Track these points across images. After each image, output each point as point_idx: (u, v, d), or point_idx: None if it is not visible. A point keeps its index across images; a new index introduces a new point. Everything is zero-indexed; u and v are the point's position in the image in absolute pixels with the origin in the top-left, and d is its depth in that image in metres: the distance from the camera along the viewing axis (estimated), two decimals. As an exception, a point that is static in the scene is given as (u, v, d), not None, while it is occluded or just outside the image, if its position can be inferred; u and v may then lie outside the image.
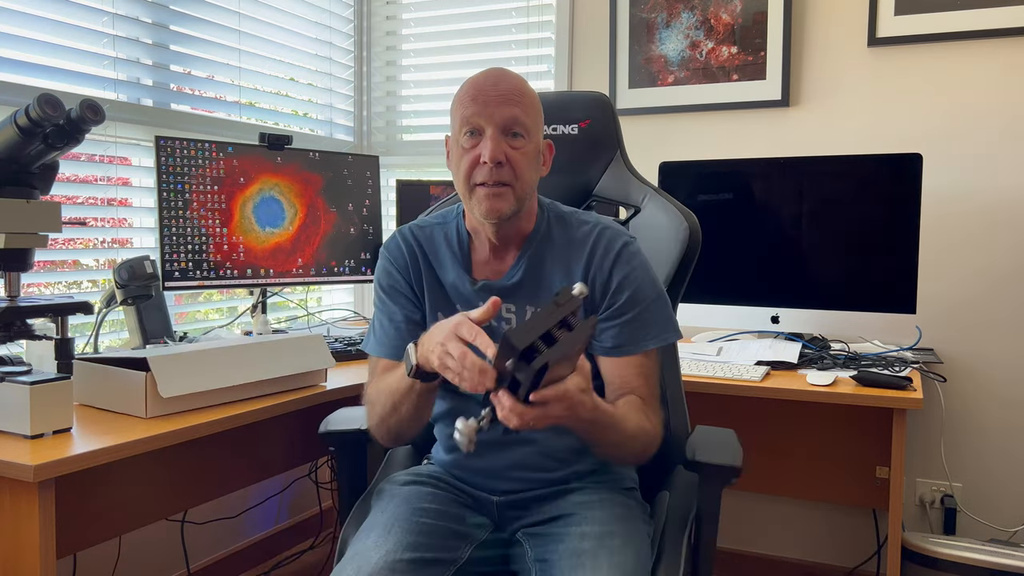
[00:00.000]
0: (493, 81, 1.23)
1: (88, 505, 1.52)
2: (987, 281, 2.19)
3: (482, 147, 1.21)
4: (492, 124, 1.21)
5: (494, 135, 1.21)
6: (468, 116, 1.22)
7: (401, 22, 2.92)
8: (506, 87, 1.23)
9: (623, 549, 1.15)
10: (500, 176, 1.21)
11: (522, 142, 1.23)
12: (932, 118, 2.23)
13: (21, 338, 1.47)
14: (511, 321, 1.30)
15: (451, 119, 1.28)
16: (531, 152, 1.25)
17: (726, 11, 2.41)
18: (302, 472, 2.56)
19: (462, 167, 1.24)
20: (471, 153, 1.23)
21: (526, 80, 1.28)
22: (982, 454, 2.21)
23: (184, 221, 1.94)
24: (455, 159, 1.27)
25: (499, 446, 1.28)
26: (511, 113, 1.21)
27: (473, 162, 1.22)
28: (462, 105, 1.23)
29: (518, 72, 1.30)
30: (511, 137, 1.22)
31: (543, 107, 1.31)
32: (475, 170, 1.22)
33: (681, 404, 1.52)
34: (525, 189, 1.25)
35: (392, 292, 1.34)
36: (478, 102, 1.21)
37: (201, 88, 2.33)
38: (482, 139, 1.22)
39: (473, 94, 1.23)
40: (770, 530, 2.45)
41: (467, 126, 1.23)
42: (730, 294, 2.17)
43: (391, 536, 1.16)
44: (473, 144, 1.23)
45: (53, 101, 1.33)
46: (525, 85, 1.26)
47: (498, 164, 1.20)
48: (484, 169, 1.21)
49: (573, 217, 1.34)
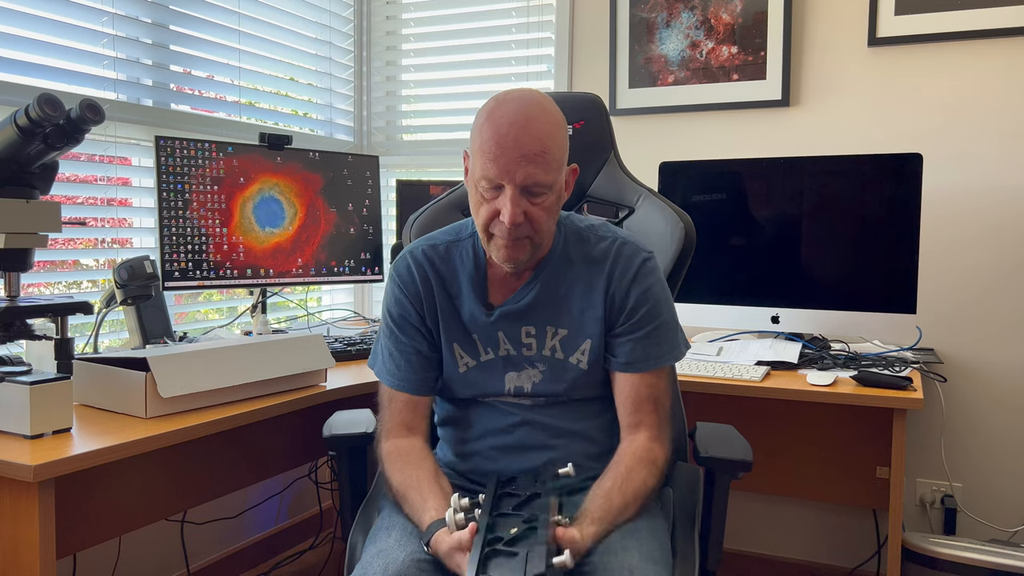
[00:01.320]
0: (515, 136, 1.16)
1: (88, 505, 1.52)
2: (987, 281, 2.19)
3: (501, 204, 1.18)
4: (512, 184, 1.17)
5: (514, 196, 1.17)
6: (488, 172, 1.18)
7: (401, 22, 2.92)
8: (528, 145, 1.16)
9: (649, 540, 1.17)
10: (518, 233, 1.20)
11: (542, 198, 1.20)
12: (932, 118, 2.23)
13: (21, 338, 1.47)
14: (531, 346, 1.30)
15: (471, 148, 1.23)
16: (552, 203, 1.22)
17: (726, 11, 2.41)
18: (302, 472, 2.56)
19: (481, 213, 1.21)
20: (490, 205, 1.20)
21: (551, 111, 1.20)
22: (982, 454, 2.21)
23: (184, 221, 1.94)
24: (473, 201, 1.24)
25: (515, 451, 1.30)
26: (532, 176, 1.17)
27: (492, 214, 1.20)
28: (483, 155, 1.18)
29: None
30: (532, 196, 1.19)
31: None
32: (493, 222, 1.21)
33: (678, 403, 1.54)
34: (544, 237, 1.24)
35: (403, 324, 1.32)
36: (499, 163, 1.16)
37: (201, 88, 2.33)
38: (501, 194, 1.18)
39: (495, 151, 1.16)
40: (770, 530, 2.45)
41: (487, 181, 1.19)
42: (730, 294, 2.17)
43: (414, 536, 1.17)
44: (493, 196, 1.20)
45: (53, 101, 1.32)
46: (549, 131, 1.18)
47: (516, 224, 1.18)
48: (502, 226, 1.19)
49: (591, 233, 1.33)
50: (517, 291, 1.30)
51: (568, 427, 1.30)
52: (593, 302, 1.29)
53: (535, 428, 1.29)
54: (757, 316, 2.14)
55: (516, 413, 1.30)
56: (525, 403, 1.31)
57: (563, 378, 1.29)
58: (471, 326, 1.31)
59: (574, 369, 1.29)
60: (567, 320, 1.29)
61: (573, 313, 1.29)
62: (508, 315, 1.30)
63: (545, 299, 1.30)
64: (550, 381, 1.30)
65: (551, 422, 1.30)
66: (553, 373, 1.30)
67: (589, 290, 1.29)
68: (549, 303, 1.30)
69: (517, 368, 1.30)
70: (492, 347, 1.31)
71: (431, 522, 1.14)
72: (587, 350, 1.29)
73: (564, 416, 1.31)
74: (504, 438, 1.30)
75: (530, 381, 1.30)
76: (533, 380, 1.30)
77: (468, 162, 1.26)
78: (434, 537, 1.12)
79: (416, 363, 1.32)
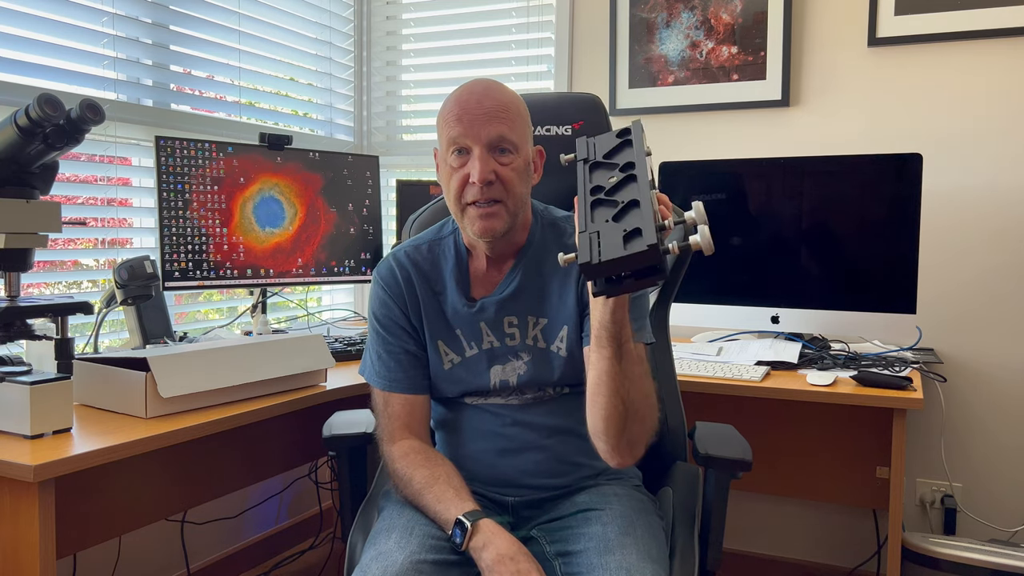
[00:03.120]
0: (477, 98, 1.22)
1: (88, 505, 1.52)
2: (987, 281, 2.19)
3: (470, 167, 1.21)
4: (479, 143, 1.20)
5: (482, 154, 1.20)
6: (454, 136, 1.21)
7: (401, 22, 2.92)
8: (491, 104, 1.21)
9: (647, 539, 1.17)
10: (491, 194, 1.21)
11: (510, 157, 1.22)
12: (932, 118, 2.23)
13: (21, 338, 1.47)
14: (514, 335, 1.31)
15: (438, 135, 1.28)
16: (520, 166, 1.24)
17: (726, 11, 2.41)
18: (302, 472, 2.56)
19: (452, 186, 1.23)
20: (460, 172, 1.22)
21: (510, 88, 1.27)
22: (982, 454, 2.21)
23: (184, 221, 1.94)
24: (444, 178, 1.26)
25: (508, 453, 1.30)
26: (497, 130, 1.20)
27: (462, 181, 1.22)
28: (447, 124, 1.23)
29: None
30: (499, 153, 1.22)
31: (536, 109, 1.31)
32: (465, 189, 1.22)
33: (677, 402, 1.54)
34: (517, 204, 1.25)
35: (389, 324, 1.33)
36: (463, 122, 1.20)
37: (201, 88, 2.33)
38: (470, 158, 1.21)
39: (458, 113, 1.21)
40: (770, 530, 2.45)
41: (454, 146, 1.22)
42: (730, 294, 2.17)
43: (413, 538, 1.16)
44: (461, 163, 1.22)
45: (53, 101, 1.32)
46: (510, 97, 1.24)
47: (488, 183, 1.20)
48: (474, 188, 1.21)
49: (567, 223, 1.35)
50: (499, 283, 1.32)
51: (559, 424, 1.30)
52: (568, 289, 1.30)
53: (526, 428, 1.30)
54: (757, 316, 2.14)
55: (506, 415, 1.31)
56: (513, 403, 1.31)
57: (547, 368, 1.30)
58: (454, 320, 1.32)
59: (556, 357, 1.30)
60: (546, 309, 1.30)
61: (552, 301, 1.30)
62: (490, 306, 1.31)
63: (525, 289, 1.31)
64: (534, 372, 1.30)
65: (541, 420, 1.30)
66: (537, 363, 1.30)
67: (565, 278, 1.30)
68: (529, 293, 1.31)
69: (501, 361, 1.31)
70: (476, 341, 1.32)
71: (468, 511, 1.15)
72: (564, 336, 1.29)
73: (553, 413, 1.31)
74: (496, 440, 1.31)
75: (515, 373, 1.30)
76: (518, 372, 1.30)
77: (438, 157, 1.30)
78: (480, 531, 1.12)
79: (406, 363, 1.32)
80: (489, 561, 1.09)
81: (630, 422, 1.11)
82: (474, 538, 1.13)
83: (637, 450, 1.15)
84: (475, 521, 1.14)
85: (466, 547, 1.13)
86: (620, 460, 1.15)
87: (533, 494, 1.30)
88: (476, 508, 1.17)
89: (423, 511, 1.22)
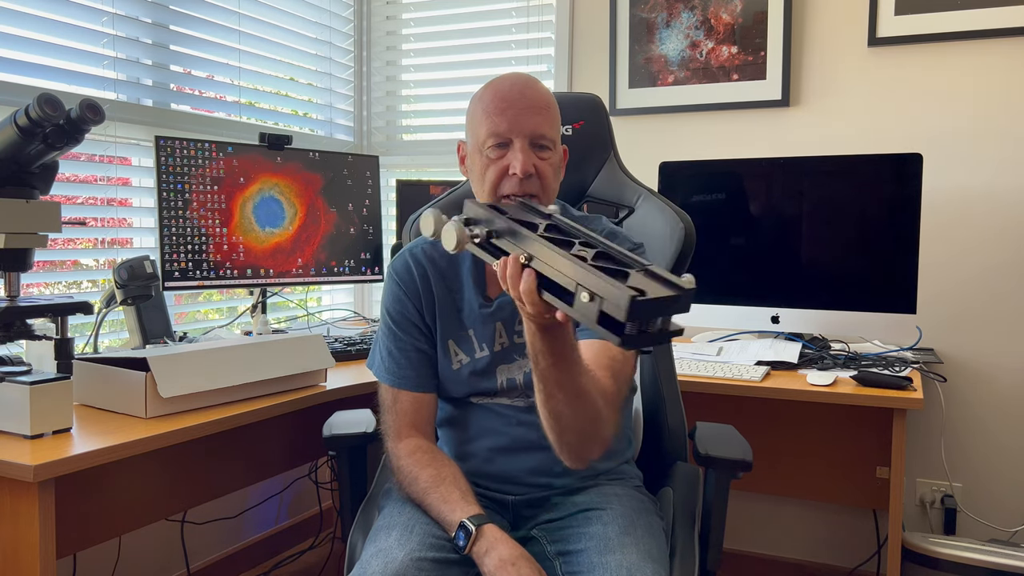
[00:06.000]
0: (519, 90, 1.21)
1: (88, 505, 1.52)
2: (988, 281, 2.19)
3: (511, 159, 1.20)
4: (521, 136, 1.19)
5: (523, 147, 1.19)
6: (495, 127, 1.20)
7: (401, 22, 2.92)
8: (533, 97, 1.21)
9: (647, 539, 1.18)
10: (528, 187, 1.20)
11: (549, 153, 1.22)
12: (932, 118, 2.23)
13: (21, 338, 1.47)
14: (523, 334, 1.30)
15: (471, 126, 1.26)
16: (556, 163, 1.25)
17: (726, 11, 2.41)
18: (302, 472, 2.56)
19: (488, 178, 1.22)
20: (498, 164, 1.21)
21: (547, 89, 1.27)
22: (982, 454, 2.21)
23: (184, 221, 1.94)
24: (478, 169, 1.24)
25: (512, 452, 1.30)
26: (539, 125, 1.20)
27: (501, 173, 1.21)
28: (488, 116, 1.21)
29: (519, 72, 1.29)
30: (538, 149, 1.21)
31: None
32: (503, 181, 1.21)
33: (678, 402, 1.53)
34: (551, 199, 1.25)
35: (402, 321, 1.33)
36: (507, 115, 1.19)
37: (201, 88, 2.33)
38: (510, 150, 1.20)
39: (500, 105, 1.20)
40: (770, 530, 2.45)
41: (494, 138, 1.20)
42: (730, 294, 2.17)
43: (414, 536, 1.16)
44: (500, 155, 1.21)
45: (53, 101, 1.32)
46: (549, 94, 1.25)
47: (528, 176, 1.19)
48: (513, 181, 1.20)
49: (583, 222, 1.33)
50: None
51: None
52: None
53: (530, 428, 1.29)
54: (757, 316, 2.14)
55: (511, 415, 1.31)
56: (519, 404, 1.31)
57: None
58: (469, 320, 1.32)
59: None
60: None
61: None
62: (507, 305, 1.30)
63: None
64: None
65: None
66: None
67: None
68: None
69: (508, 360, 1.31)
70: (487, 342, 1.31)
71: (472, 515, 1.15)
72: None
73: None
74: (500, 439, 1.30)
75: (521, 371, 1.30)
76: (524, 370, 1.30)
77: (464, 148, 1.29)
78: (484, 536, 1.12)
79: (416, 361, 1.32)
80: (491, 566, 1.09)
81: (565, 433, 1.10)
82: (477, 543, 1.13)
83: (578, 456, 1.14)
84: (479, 526, 1.14)
85: (469, 551, 1.13)
86: (567, 462, 1.15)
87: (534, 493, 1.30)
88: (480, 512, 1.17)
89: (426, 510, 1.22)
